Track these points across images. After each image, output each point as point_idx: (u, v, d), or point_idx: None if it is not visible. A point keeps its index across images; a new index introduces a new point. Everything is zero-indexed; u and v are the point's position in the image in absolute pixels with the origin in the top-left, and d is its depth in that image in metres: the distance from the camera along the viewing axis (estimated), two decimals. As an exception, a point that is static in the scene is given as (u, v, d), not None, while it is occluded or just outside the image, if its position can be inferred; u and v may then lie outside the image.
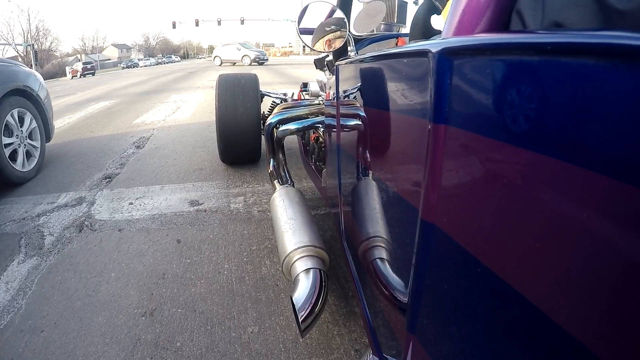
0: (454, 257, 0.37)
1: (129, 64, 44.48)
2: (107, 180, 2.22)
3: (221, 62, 20.12)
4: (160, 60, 55.28)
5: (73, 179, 2.27)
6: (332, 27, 1.05)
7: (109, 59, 54.87)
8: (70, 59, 44.98)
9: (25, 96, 2.39)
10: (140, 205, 1.83)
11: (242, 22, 46.89)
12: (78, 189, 2.10)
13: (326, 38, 1.06)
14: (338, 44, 1.06)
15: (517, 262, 0.29)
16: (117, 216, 1.71)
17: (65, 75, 29.53)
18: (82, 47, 51.34)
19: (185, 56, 76.17)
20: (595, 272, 0.22)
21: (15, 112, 2.26)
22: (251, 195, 1.87)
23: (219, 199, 1.85)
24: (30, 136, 2.41)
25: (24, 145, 2.33)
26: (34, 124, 2.45)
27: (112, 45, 63.47)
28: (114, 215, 1.73)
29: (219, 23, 46.85)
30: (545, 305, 0.26)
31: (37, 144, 2.48)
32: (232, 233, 1.51)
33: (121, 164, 2.53)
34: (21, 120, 2.33)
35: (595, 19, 0.30)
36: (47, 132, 2.62)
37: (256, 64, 18.02)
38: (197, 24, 45.34)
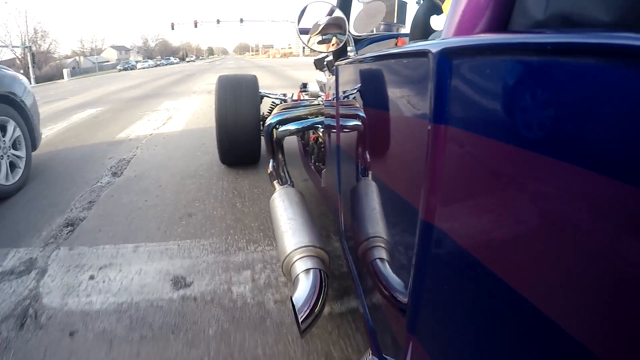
0: (454, 257, 0.37)
1: (126, 66, 43.30)
2: (69, 229, 1.67)
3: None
4: (158, 62, 54.43)
5: (29, 224, 1.74)
6: (331, 27, 1.05)
7: (108, 61, 53.75)
8: (69, 61, 43.86)
9: (8, 102, 2.22)
10: (103, 281, 1.28)
11: (242, 22, 46.25)
12: (31, 242, 1.57)
13: (325, 38, 1.06)
14: (337, 44, 1.06)
15: (517, 262, 0.29)
16: (72, 302, 1.17)
17: (63, 78, 28.69)
18: (81, 49, 50.70)
19: (184, 58, 75.29)
20: (596, 272, 0.22)
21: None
22: (262, 268, 1.31)
23: (214, 273, 1.29)
24: (14, 145, 2.24)
25: (7, 156, 2.15)
26: (18, 132, 2.28)
27: (110, 47, 62.44)
28: (68, 299, 1.19)
29: (218, 23, 46.44)
30: (545, 305, 0.26)
31: (22, 153, 2.29)
32: (239, 352, 0.95)
33: (90, 201, 1.97)
34: (3, 129, 2.17)
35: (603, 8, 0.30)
36: (32, 140, 2.45)
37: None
38: (195, 25, 45.00)
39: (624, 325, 0.21)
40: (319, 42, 1.07)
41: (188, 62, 62.52)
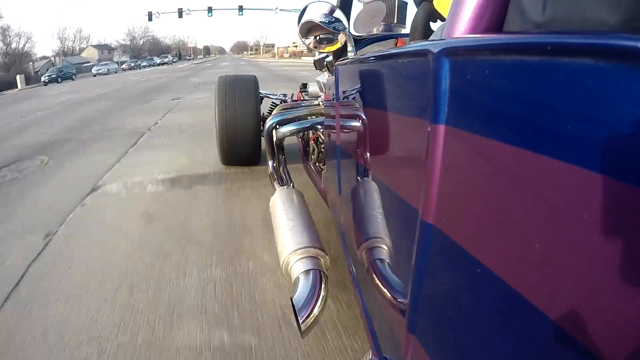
0: (454, 258, 0.37)
1: (59, 74, 23.78)
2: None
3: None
4: (134, 64, 40.07)
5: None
6: (331, 26, 1.05)
7: (87, 62, 41.60)
8: (43, 62, 35.74)
9: None
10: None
11: (241, 10, 34.36)
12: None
13: (325, 38, 1.06)
14: (337, 44, 1.06)
15: (517, 263, 0.29)
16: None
17: (17, 87, 20.21)
18: (61, 48, 43.50)
19: (177, 57, 63.50)
20: (596, 272, 0.22)
21: None
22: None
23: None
24: None
25: None
26: None
27: (91, 46, 52.29)
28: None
29: (210, 13, 34.89)
30: (545, 305, 0.26)
31: None
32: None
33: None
34: None
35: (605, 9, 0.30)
36: None
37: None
38: (180, 15, 34.55)
39: (625, 326, 0.20)
40: (319, 42, 1.07)
41: (160, 64, 43.36)
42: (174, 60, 55.26)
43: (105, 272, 1.40)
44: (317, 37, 1.07)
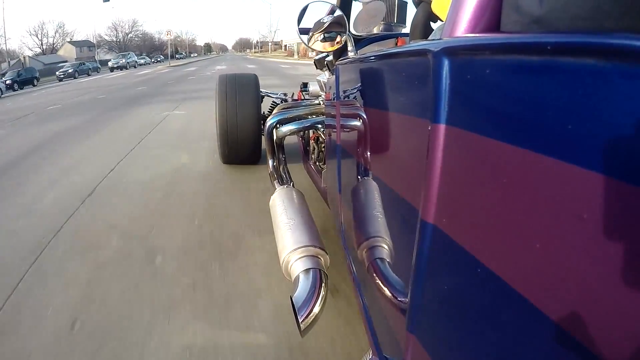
0: (454, 257, 0.37)
1: None
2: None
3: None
4: (76, 69, 24.18)
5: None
6: (332, 26, 1.05)
7: (65, 61, 33.37)
8: (12, 62, 28.57)
9: None
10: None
11: None
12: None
13: (326, 37, 1.06)
14: (338, 43, 1.06)
15: (518, 262, 0.29)
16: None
17: None
18: (40, 45, 37.68)
19: (172, 55, 46.43)
20: (596, 272, 0.22)
21: None
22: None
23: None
24: None
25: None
26: None
27: (68, 42, 43.20)
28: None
29: None
30: (545, 305, 0.26)
31: None
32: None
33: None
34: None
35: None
36: None
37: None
38: None
39: (625, 326, 0.21)
40: (320, 42, 1.07)
41: (115, 68, 28.32)
42: (158, 59, 42.55)
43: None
44: (318, 37, 1.07)
